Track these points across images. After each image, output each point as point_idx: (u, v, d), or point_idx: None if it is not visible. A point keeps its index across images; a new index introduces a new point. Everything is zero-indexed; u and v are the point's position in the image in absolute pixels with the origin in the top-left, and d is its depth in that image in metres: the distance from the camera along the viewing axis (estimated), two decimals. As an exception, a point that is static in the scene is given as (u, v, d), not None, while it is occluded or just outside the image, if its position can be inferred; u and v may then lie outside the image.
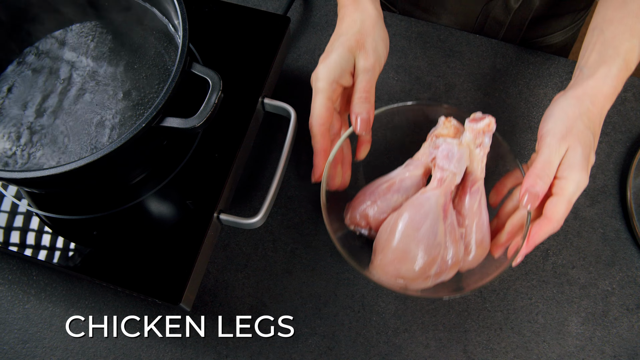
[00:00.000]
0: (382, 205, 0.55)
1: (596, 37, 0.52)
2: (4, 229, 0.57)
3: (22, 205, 0.58)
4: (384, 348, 0.59)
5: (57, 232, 0.56)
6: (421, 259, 0.51)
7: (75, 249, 0.55)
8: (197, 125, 0.47)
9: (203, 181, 0.57)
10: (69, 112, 0.57)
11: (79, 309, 0.60)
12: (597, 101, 0.50)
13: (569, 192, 0.48)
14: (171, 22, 0.58)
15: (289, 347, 0.59)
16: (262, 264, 0.63)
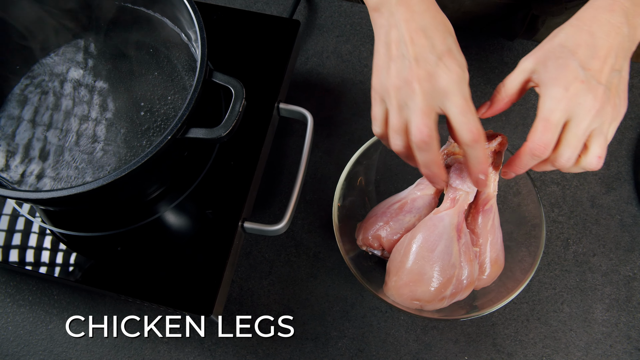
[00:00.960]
0: (395, 226, 0.55)
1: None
2: (21, 248, 0.56)
3: (39, 225, 0.57)
4: (414, 346, 0.59)
5: (81, 250, 0.55)
6: (436, 280, 0.51)
7: (100, 266, 0.54)
8: (223, 134, 0.47)
9: (225, 190, 0.57)
10: (81, 128, 0.56)
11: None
12: (584, 15, 0.45)
13: (542, 110, 0.44)
14: (183, 31, 0.57)
15: (320, 352, 0.59)
16: (286, 269, 0.62)
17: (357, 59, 0.73)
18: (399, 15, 0.46)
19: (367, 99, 0.70)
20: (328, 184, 0.66)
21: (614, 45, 0.43)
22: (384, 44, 0.47)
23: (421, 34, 0.45)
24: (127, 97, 0.57)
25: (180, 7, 0.53)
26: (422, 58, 0.44)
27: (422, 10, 0.46)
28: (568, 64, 0.43)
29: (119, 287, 0.53)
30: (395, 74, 0.45)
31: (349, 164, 0.58)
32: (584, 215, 0.65)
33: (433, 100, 0.44)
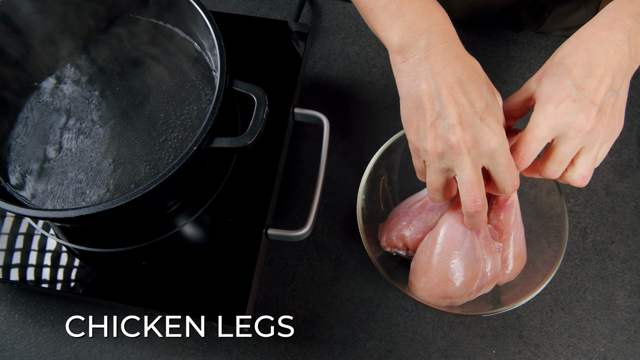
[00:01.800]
0: (418, 225, 0.56)
1: None
2: (37, 267, 0.55)
3: (57, 243, 0.56)
4: (441, 344, 0.60)
5: (106, 266, 0.54)
6: (465, 277, 0.51)
7: (126, 281, 0.54)
8: (248, 142, 0.47)
9: (247, 198, 0.57)
10: (95, 144, 0.55)
11: (127, 342, 0.59)
12: (583, 33, 0.45)
13: (531, 123, 0.45)
14: (196, 40, 0.57)
15: (349, 354, 0.59)
16: (309, 274, 0.62)
17: (365, 60, 0.73)
18: (428, 65, 0.43)
19: (377, 99, 0.70)
20: (345, 186, 0.66)
21: (612, 63, 0.43)
22: (413, 98, 0.45)
23: (458, 90, 0.43)
24: (141, 110, 0.57)
25: (194, 17, 0.53)
26: (466, 122, 0.43)
27: (453, 58, 0.43)
28: (562, 82, 0.43)
29: (147, 301, 0.53)
30: (436, 137, 0.44)
31: (369, 165, 0.58)
32: (600, 203, 0.65)
33: (480, 162, 0.44)
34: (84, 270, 0.54)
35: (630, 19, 0.44)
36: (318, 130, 0.68)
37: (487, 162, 0.44)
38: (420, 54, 0.44)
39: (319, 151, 0.67)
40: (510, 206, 0.55)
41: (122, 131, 0.56)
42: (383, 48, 0.73)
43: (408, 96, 0.45)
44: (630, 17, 0.44)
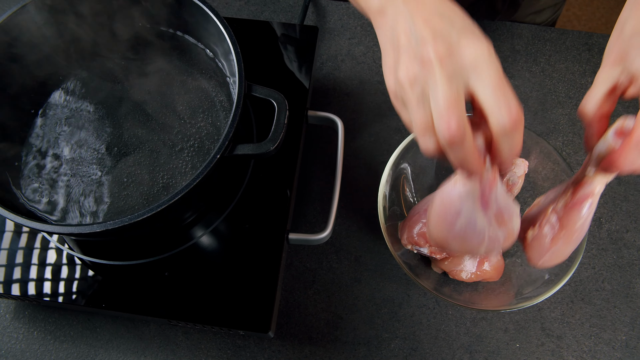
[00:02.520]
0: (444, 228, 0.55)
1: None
2: (55, 282, 0.54)
3: (73, 257, 0.55)
4: (465, 339, 0.60)
5: (127, 279, 0.54)
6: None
7: (149, 293, 0.53)
8: (271, 148, 0.47)
9: (266, 204, 0.56)
10: (111, 155, 0.55)
11: (151, 354, 0.59)
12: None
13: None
14: (208, 47, 0.57)
15: (374, 355, 0.59)
16: (330, 277, 0.62)
17: (372, 60, 0.73)
18: (406, 9, 0.38)
19: (386, 98, 0.70)
20: (360, 186, 0.66)
21: None
22: (391, 42, 0.39)
23: (436, 17, 0.37)
24: (155, 119, 0.56)
25: (205, 23, 0.53)
26: (439, 34, 0.36)
27: (433, 1, 0.38)
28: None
29: (171, 313, 0.52)
30: (408, 61, 0.37)
31: (388, 164, 0.58)
32: (612, 193, 0.66)
33: (458, 79, 0.35)
34: (105, 284, 0.54)
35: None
36: (329, 132, 0.68)
37: (469, 81, 0.35)
38: (399, 6, 0.39)
39: (331, 153, 0.67)
40: (584, 207, 0.47)
41: (137, 141, 0.55)
42: (389, 47, 0.73)
43: (387, 44, 0.40)
44: None
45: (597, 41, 0.74)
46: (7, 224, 0.57)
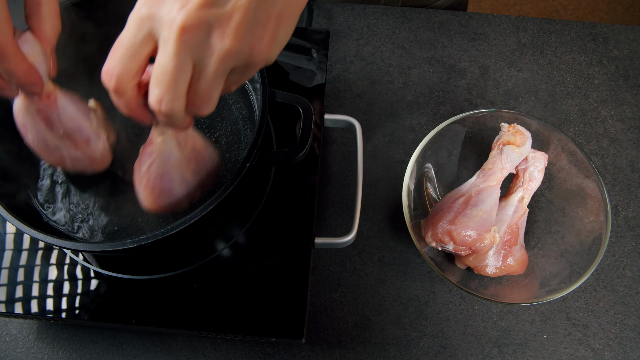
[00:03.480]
0: (464, 220, 0.56)
1: None
2: (80, 300, 0.53)
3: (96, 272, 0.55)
4: (493, 334, 0.60)
5: (156, 293, 0.53)
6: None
7: (179, 307, 0.53)
8: (301, 154, 0.46)
9: (291, 210, 0.56)
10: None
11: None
12: None
13: None
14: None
15: (403, 355, 0.59)
16: (354, 279, 0.62)
17: (381, 60, 0.73)
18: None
19: (398, 97, 0.70)
20: (378, 187, 0.66)
21: None
22: None
23: None
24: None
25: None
26: None
27: None
28: None
29: (202, 324, 0.52)
30: None
31: (410, 163, 0.58)
32: (627, 180, 0.67)
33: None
34: (133, 299, 0.53)
35: None
36: (344, 134, 0.68)
37: None
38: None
39: (347, 155, 0.67)
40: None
41: (156, 154, 0.55)
42: (398, 46, 0.73)
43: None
44: None
45: (601, 31, 0.74)
46: (24, 240, 0.55)
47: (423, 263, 0.63)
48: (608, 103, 0.70)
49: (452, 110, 0.70)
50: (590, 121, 0.69)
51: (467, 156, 0.64)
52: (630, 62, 0.73)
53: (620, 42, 0.74)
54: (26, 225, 0.44)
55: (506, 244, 0.58)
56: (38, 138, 0.48)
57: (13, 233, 0.55)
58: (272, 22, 0.34)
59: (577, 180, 0.60)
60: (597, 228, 0.57)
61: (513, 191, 0.60)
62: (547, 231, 0.62)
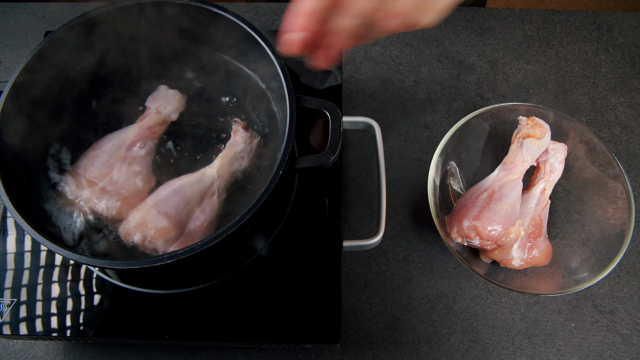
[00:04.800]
0: (489, 215, 0.56)
1: None
2: (110, 317, 0.52)
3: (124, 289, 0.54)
4: (522, 325, 0.61)
5: (188, 306, 0.52)
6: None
7: (213, 318, 0.52)
8: (331, 158, 0.46)
9: (317, 215, 0.56)
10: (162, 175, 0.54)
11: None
12: None
13: None
14: (244, 63, 0.56)
15: (435, 352, 0.59)
16: (381, 279, 0.62)
17: (390, 59, 0.73)
18: None
19: (410, 96, 0.70)
20: (397, 186, 0.66)
21: None
22: None
23: None
24: (199, 139, 0.55)
25: (242, 39, 0.52)
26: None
27: None
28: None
29: (237, 335, 0.52)
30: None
31: (433, 160, 0.58)
32: None
33: None
34: (166, 314, 0.52)
35: None
36: (359, 135, 0.68)
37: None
38: None
39: (364, 156, 0.67)
40: None
41: (188, 165, 0.54)
42: (406, 44, 0.73)
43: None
44: None
45: (604, 19, 0.75)
46: (41, 256, 0.55)
47: (448, 259, 0.63)
48: (617, 90, 0.71)
49: (465, 105, 0.70)
50: (601, 109, 0.70)
51: (486, 150, 0.64)
52: (635, 48, 0.73)
53: (624, 30, 0.75)
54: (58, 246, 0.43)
55: (530, 236, 0.58)
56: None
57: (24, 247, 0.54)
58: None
59: (594, 169, 0.61)
60: (619, 216, 0.58)
61: (535, 183, 0.60)
62: (567, 220, 0.62)
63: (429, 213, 0.64)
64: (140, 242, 0.49)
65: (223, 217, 0.52)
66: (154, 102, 0.55)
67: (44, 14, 0.75)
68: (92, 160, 0.52)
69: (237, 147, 0.52)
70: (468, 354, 0.59)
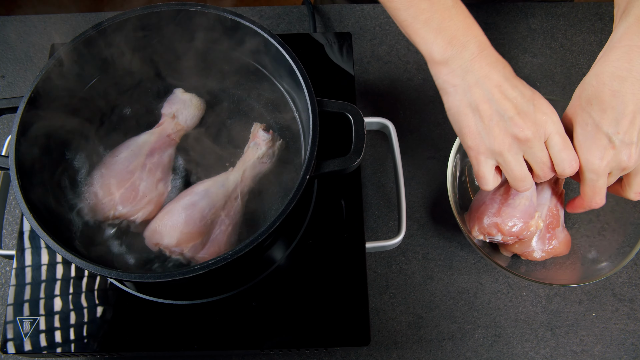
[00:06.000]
0: (508, 211, 0.56)
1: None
2: (136, 331, 0.52)
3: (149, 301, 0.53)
4: (543, 317, 0.61)
5: (215, 315, 0.52)
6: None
7: (240, 326, 0.52)
8: (357, 161, 0.46)
9: (339, 217, 0.56)
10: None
11: None
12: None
13: (587, 178, 0.50)
14: (261, 64, 0.56)
15: (460, 348, 0.60)
16: (402, 278, 0.62)
17: (397, 58, 0.73)
18: (475, 74, 0.47)
19: (419, 94, 0.71)
20: (412, 185, 0.66)
21: (639, 96, 0.46)
22: (470, 105, 0.48)
23: (507, 85, 0.47)
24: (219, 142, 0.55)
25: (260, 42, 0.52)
26: (522, 112, 0.47)
27: (494, 62, 0.48)
28: (597, 133, 0.48)
29: (265, 342, 0.51)
30: (501, 133, 0.47)
31: (450, 158, 0.58)
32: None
33: (543, 141, 0.48)
34: (194, 324, 0.52)
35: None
36: (371, 135, 0.68)
37: (547, 142, 0.48)
38: (465, 64, 0.47)
39: (378, 157, 0.67)
40: None
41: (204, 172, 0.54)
42: (412, 44, 0.73)
43: (461, 105, 0.48)
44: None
45: (606, 10, 0.76)
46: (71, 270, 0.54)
47: (467, 255, 0.63)
48: (623, 80, 0.72)
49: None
50: (609, 99, 0.71)
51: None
52: (638, 38, 0.74)
53: (626, 20, 0.75)
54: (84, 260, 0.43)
55: (549, 227, 0.59)
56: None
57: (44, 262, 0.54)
58: None
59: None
60: (633, 204, 0.58)
61: None
62: (582, 211, 0.63)
63: (446, 210, 0.65)
64: (167, 248, 0.48)
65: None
66: (170, 107, 0.54)
67: (44, 27, 0.74)
68: (111, 168, 0.51)
69: (259, 150, 0.52)
70: (492, 349, 0.60)
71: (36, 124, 0.49)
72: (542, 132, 0.47)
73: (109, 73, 0.55)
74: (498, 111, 0.47)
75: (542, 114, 0.47)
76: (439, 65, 0.49)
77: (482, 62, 0.47)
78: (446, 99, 0.50)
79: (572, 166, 0.48)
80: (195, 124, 0.55)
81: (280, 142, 0.53)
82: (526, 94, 0.47)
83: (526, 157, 0.49)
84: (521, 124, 0.47)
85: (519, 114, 0.47)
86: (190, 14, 0.52)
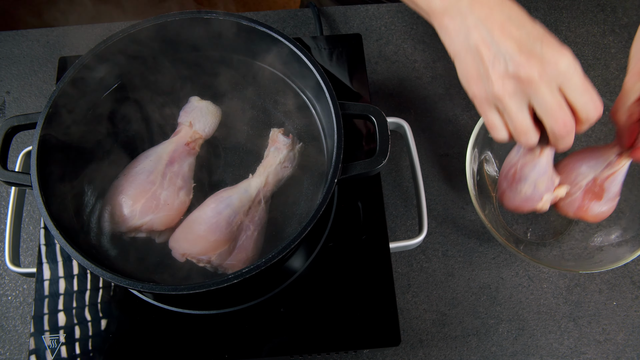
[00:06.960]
0: (511, 195, 0.56)
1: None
2: (165, 344, 0.51)
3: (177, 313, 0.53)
4: (565, 308, 0.61)
5: (244, 323, 0.52)
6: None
7: (269, 333, 0.52)
8: (383, 162, 0.46)
9: (361, 218, 0.56)
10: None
11: None
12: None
13: None
14: (277, 68, 0.56)
15: (485, 343, 0.60)
16: (423, 277, 0.62)
17: (404, 57, 0.73)
18: (475, 15, 0.43)
19: (429, 92, 0.71)
20: (428, 183, 0.66)
21: None
22: (469, 50, 0.44)
23: (510, 25, 0.42)
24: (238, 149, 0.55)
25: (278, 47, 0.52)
26: (526, 50, 0.41)
27: (497, 4, 0.43)
28: None
29: (296, 348, 0.51)
30: (501, 76, 0.42)
31: (467, 154, 0.58)
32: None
33: (555, 85, 0.41)
34: (221, 334, 0.52)
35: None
36: (402, 135, 0.68)
37: (563, 86, 0.41)
38: (465, 8, 0.43)
39: (392, 156, 0.67)
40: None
41: (219, 180, 0.54)
42: (419, 41, 0.74)
43: (462, 50, 0.44)
44: None
45: (607, 1, 0.77)
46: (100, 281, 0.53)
47: (487, 251, 0.63)
48: (628, 70, 0.73)
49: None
50: (616, 90, 0.71)
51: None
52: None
53: (628, 9, 0.76)
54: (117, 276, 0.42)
55: (586, 198, 0.56)
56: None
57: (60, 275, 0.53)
58: None
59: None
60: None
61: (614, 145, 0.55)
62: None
63: (462, 207, 0.65)
64: (195, 257, 0.48)
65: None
66: (186, 115, 0.54)
67: (47, 40, 0.74)
68: (132, 178, 0.51)
69: (280, 154, 0.52)
70: (517, 342, 0.60)
71: (55, 139, 0.49)
72: (552, 73, 0.41)
73: (125, 84, 0.54)
74: (499, 52, 0.42)
75: (551, 51, 0.41)
76: (441, 16, 0.45)
77: (483, 5, 0.43)
78: (449, 47, 0.46)
79: (597, 109, 0.42)
80: (213, 131, 0.55)
81: (300, 145, 0.53)
82: (533, 33, 0.41)
83: (533, 104, 0.42)
84: (523, 62, 0.40)
85: (522, 53, 0.41)
86: (204, 21, 0.52)
